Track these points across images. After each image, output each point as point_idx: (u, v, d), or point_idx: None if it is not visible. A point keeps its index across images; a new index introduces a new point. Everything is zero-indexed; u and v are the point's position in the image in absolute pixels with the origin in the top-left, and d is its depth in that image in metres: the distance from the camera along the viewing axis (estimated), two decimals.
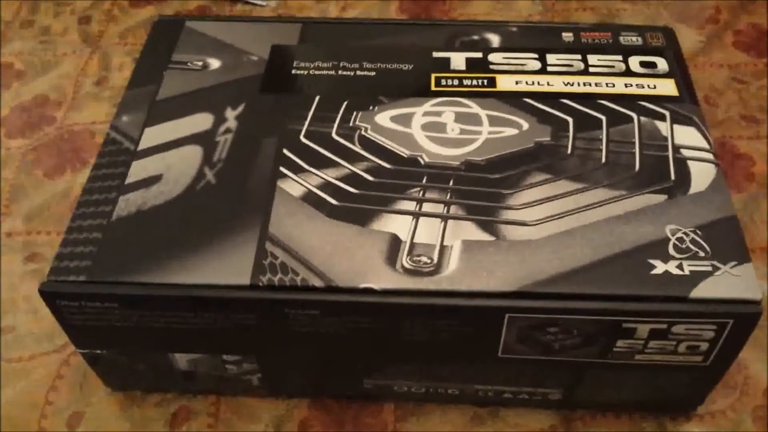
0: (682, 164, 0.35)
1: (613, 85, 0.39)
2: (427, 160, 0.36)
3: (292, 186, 0.35)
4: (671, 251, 0.32)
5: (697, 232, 0.33)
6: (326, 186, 0.35)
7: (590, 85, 0.39)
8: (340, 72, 0.40)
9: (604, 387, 0.35)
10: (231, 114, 0.38)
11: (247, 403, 0.38)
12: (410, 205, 0.34)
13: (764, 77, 0.52)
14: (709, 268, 0.32)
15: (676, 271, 0.31)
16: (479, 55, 0.41)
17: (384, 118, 0.38)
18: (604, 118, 0.37)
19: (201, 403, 0.38)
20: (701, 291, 0.31)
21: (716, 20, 0.57)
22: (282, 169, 0.36)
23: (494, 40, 0.42)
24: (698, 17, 0.57)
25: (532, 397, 0.36)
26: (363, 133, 0.37)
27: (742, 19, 0.57)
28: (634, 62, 0.40)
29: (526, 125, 0.37)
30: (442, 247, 0.33)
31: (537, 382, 0.35)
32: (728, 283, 0.31)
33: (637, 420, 0.37)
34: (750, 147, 0.48)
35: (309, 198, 0.35)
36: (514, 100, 0.38)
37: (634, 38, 0.41)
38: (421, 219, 0.34)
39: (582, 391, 0.36)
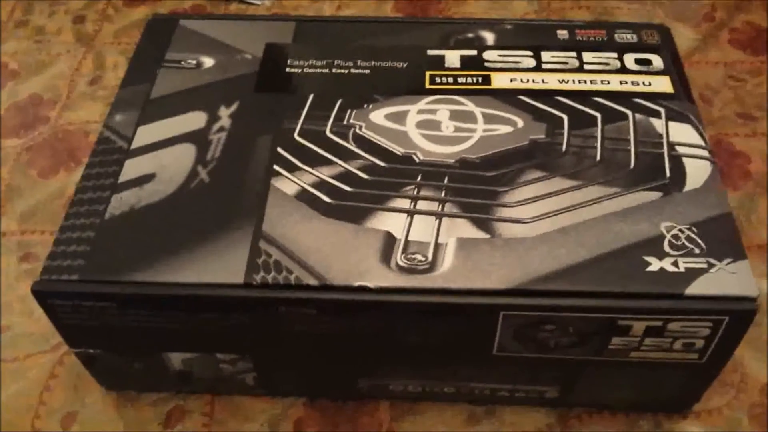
0: (677, 161, 0.35)
1: (608, 83, 0.39)
2: (421, 157, 0.36)
3: (287, 184, 0.35)
4: (666, 248, 0.32)
5: (693, 229, 0.33)
6: (321, 184, 0.35)
7: (585, 82, 0.39)
8: (334, 70, 0.40)
9: (600, 385, 0.35)
10: (225, 112, 0.38)
11: (241, 402, 0.38)
12: (405, 203, 0.34)
13: (760, 75, 0.52)
14: (705, 265, 0.31)
15: (671, 268, 0.31)
16: (474, 52, 0.40)
17: (378, 116, 0.38)
18: (599, 115, 0.37)
19: (195, 402, 0.38)
20: (696, 288, 0.31)
21: (712, 18, 0.56)
22: (276, 167, 0.36)
23: (489, 37, 0.41)
24: (694, 16, 0.57)
25: (528, 396, 0.36)
26: (357, 131, 0.37)
27: (738, 17, 0.56)
28: (629, 59, 0.40)
29: (520, 123, 0.37)
30: (437, 245, 0.32)
31: (533, 380, 0.35)
32: (724, 279, 0.31)
33: (633, 418, 0.37)
34: (746, 145, 0.48)
35: (303, 196, 0.34)
36: (508, 97, 0.38)
37: (629, 36, 0.41)
38: (416, 217, 0.33)
39: (578, 389, 0.35)
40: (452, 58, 0.40)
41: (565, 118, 0.37)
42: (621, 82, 0.39)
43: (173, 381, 0.37)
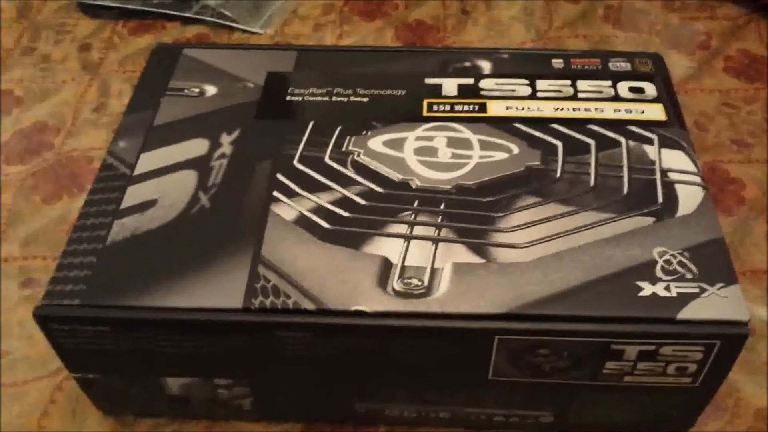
0: (669, 187, 0.36)
1: (602, 110, 0.39)
2: (418, 183, 0.36)
3: (286, 210, 0.35)
4: (659, 273, 0.32)
5: (685, 254, 0.33)
6: (319, 210, 0.35)
7: (579, 110, 0.40)
8: (334, 98, 0.41)
9: (595, 409, 0.35)
10: (226, 139, 0.39)
11: (239, 427, 0.38)
12: (402, 229, 0.35)
13: (754, 102, 0.53)
14: (696, 290, 0.32)
15: (663, 293, 0.32)
16: (470, 81, 0.41)
17: (377, 142, 0.38)
18: (592, 142, 0.38)
19: (193, 427, 0.38)
20: (688, 312, 0.31)
21: (707, 46, 0.57)
22: (275, 193, 0.36)
23: (485, 66, 0.42)
24: (689, 44, 0.58)
25: (524, 420, 0.37)
26: (356, 157, 0.38)
27: (733, 45, 0.57)
28: (623, 88, 0.41)
29: (516, 150, 0.38)
30: (433, 270, 0.33)
31: (528, 404, 0.35)
32: (715, 304, 0.31)
33: None
34: (741, 171, 0.49)
35: (302, 222, 0.35)
36: (504, 125, 0.39)
37: (623, 64, 0.42)
38: (413, 242, 0.34)
39: (573, 413, 0.36)
40: (449, 86, 0.41)
41: (560, 145, 0.38)
42: (615, 110, 0.39)
43: (171, 406, 0.37)
